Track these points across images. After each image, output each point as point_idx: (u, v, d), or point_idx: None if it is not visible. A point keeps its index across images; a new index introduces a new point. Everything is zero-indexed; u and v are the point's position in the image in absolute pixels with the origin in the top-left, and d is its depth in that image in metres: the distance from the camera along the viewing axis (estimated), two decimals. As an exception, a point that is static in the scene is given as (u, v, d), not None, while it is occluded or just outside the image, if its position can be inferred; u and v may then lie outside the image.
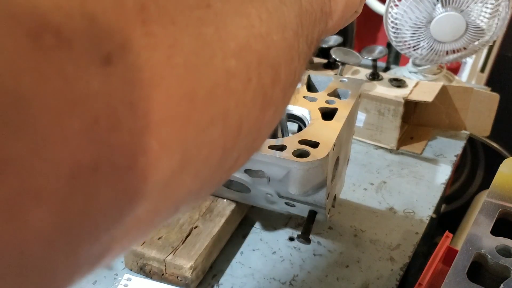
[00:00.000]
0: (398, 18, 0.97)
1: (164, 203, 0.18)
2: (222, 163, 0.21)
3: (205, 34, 0.18)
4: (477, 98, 0.95)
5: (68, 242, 0.14)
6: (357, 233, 0.76)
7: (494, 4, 0.93)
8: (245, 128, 0.22)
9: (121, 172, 0.15)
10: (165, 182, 0.17)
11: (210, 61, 0.18)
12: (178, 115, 0.17)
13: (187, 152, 0.18)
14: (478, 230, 0.50)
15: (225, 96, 0.19)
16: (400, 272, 0.69)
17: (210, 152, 0.19)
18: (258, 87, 0.22)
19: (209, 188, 0.23)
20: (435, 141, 0.99)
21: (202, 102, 0.18)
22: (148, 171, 0.16)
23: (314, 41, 0.32)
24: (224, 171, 0.22)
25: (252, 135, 0.23)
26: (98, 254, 0.16)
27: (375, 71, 0.96)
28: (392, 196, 0.84)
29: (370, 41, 1.40)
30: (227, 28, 0.19)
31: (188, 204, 0.21)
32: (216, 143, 0.20)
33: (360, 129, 0.96)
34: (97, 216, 0.15)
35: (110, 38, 0.14)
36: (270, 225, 0.77)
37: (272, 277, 0.68)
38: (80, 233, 0.15)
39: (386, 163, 0.92)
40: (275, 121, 0.26)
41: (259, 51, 0.22)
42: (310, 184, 0.59)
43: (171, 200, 0.19)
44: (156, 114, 0.15)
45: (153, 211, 0.18)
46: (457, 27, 0.95)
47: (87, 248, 0.15)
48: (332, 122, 0.61)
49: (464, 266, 0.45)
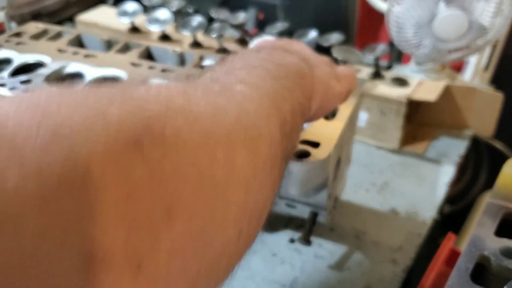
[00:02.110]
0: (400, 16, 0.96)
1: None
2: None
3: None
4: (481, 98, 0.94)
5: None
6: (359, 235, 0.75)
7: (498, 2, 0.91)
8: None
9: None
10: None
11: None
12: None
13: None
14: (482, 232, 0.49)
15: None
16: (403, 274, 0.68)
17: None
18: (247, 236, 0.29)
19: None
20: (438, 141, 0.98)
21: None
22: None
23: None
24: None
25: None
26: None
27: (377, 70, 0.95)
28: (394, 197, 0.83)
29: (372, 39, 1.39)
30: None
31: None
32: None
33: (362, 129, 0.95)
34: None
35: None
36: (270, 227, 0.76)
37: (272, 280, 0.67)
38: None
39: (388, 164, 0.91)
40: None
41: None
42: (311, 185, 0.59)
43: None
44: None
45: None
46: (460, 25, 0.93)
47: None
48: (334, 122, 0.60)
49: (468, 268, 0.44)
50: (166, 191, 0.21)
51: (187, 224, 0.22)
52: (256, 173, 0.29)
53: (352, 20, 1.20)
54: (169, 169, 0.21)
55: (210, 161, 0.24)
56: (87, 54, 0.78)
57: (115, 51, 0.80)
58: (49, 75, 0.73)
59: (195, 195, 0.23)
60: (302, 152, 0.54)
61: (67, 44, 0.83)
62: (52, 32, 0.87)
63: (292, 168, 0.56)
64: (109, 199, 0.18)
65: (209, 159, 0.24)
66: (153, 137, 0.21)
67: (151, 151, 0.21)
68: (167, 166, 0.21)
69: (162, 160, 0.21)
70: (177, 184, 0.22)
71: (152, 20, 1.08)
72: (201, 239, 0.24)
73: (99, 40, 0.84)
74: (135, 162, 0.20)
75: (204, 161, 0.24)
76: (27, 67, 0.78)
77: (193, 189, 0.23)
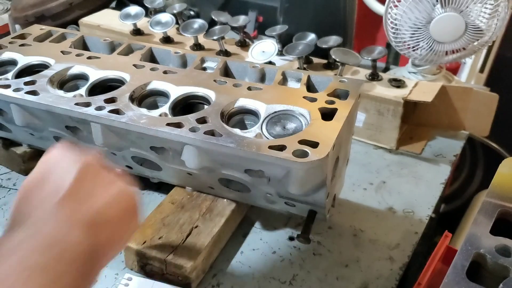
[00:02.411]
0: (397, 18, 0.97)
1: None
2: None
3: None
4: (477, 98, 0.95)
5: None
6: (357, 233, 0.76)
7: (493, 4, 0.93)
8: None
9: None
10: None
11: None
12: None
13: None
14: (478, 230, 0.50)
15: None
16: (400, 271, 0.69)
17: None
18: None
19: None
20: (435, 141, 0.99)
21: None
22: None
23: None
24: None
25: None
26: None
27: (375, 72, 0.97)
28: (392, 196, 0.84)
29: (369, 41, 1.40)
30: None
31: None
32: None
33: (360, 129, 0.96)
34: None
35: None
36: (270, 225, 0.77)
37: (272, 277, 0.68)
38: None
39: (385, 163, 0.93)
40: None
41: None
42: (310, 184, 0.60)
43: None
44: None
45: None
46: (457, 27, 0.95)
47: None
48: (332, 122, 0.61)
49: (464, 266, 0.46)
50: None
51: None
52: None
53: (351, 23, 1.21)
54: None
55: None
56: (90, 56, 0.79)
57: (118, 53, 0.81)
58: (52, 76, 0.74)
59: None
60: (301, 152, 0.56)
61: (71, 46, 0.84)
62: (56, 34, 0.88)
63: (292, 168, 0.57)
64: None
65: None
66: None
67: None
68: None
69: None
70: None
71: (154, 23, 1.10)
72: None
73: (102, 42, 0.85)
74: None
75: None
76: (31, 68, 0.79)
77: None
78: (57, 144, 0.47)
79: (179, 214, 0.71)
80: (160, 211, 0.71)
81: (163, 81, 0.72)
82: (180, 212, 0.71)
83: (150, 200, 0.80)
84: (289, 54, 0.95)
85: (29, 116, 0.71)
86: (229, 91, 0.69)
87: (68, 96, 0.71)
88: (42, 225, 0.39)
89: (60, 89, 0.73)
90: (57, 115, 0.67)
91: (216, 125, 0.61)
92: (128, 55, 0.81)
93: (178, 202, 0.73)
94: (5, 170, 0.87)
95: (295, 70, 0.76)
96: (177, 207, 0.72)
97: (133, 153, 0.69)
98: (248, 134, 0.62)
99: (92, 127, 0.66)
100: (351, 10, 1.20)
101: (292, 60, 1.01)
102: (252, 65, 0.76)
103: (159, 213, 0.71)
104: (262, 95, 0.68)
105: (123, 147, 0.68)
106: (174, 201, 0.73)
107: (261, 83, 0.73)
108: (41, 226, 0.39)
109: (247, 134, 0.62)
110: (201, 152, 0.61)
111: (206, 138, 0.59)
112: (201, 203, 0.72)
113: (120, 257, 0.68)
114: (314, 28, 1.08)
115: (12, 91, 0.69)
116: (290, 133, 0.62)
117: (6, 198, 0.80)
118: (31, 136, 0.77)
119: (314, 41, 1.03)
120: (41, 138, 0.77)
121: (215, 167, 0.63)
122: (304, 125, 0.63)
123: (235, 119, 0.67)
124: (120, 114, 0.64)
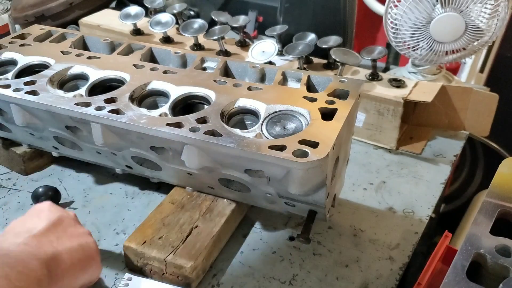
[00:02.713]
0: (397, 18, 0.97)
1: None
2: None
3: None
4: (477, 98, 0.95)
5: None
6: (357, 233, 0.76)
7: (494, 4, 0.93)
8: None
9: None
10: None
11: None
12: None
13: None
14: (478, 230, 0.50)
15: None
16: (400, 271, 0.69)
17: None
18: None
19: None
20: (435, 141, 0.99)
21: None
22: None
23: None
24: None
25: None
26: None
27: (375, 72, 0.97)
28: (392, 196, 0.84)
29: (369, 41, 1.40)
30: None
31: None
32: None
33: (360, 129, 0.96)
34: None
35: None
36: (270, 225, 0.77)
37: (272, 277, 0.68)
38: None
39: (385, 163, 0.93)
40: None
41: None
42: (310, 184, 0.60)
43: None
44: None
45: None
46: (457, 27, 0.95)
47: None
48: (332, 122, 0.61)
49: (464, 266, 0.46)
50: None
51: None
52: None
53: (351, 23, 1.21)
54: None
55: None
56: (90, 56, 0.79)
57: (118, 53, 0.81)
58: (52, 76, 0.74)
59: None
60: (301, 152, 0.56)
61: (71, 46, 0.84)
62: (56, 34, 0.88)
63: (292, 168, 0.57)
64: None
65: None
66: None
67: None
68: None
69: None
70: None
71: (154, 23, 1.10)
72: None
73: (102, 42, 0.85)
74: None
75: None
76: (31, 68, 0.79)
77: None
78: (45, 201, 0.62)
79: (179, 214, 0.71)
80: (160, 211, 0.71)
81: (163, 81, 0.72)
82: (180, 212, 0.71)
83: (150, 200, 0.80)
84: (289, 54, 0.95)
85: (29, 116, 0.71)
86: (229, 91, 0.69)
87: (68, 96, 0.71)
88: (11, 249, 0.51)
89: (60, 89, 0.73)
90: (57, 115, 0.67)
91: (216, 125, 0.61)
92: (128, 55, 0.81)
93: (178, 202, 0.73)
94: (5, 170, 0.87)
95: (295, 70, 0.76)
96: (177, 207, 0.72)
97: (133, 153, 0.69)
98: (248, 134, 0.62)
99: (92, 127, 0.66)
100: (351, 10, 1.20)
101: (292, 60, 1.01)
102: (252, 65, 0.76)
103: (159, 213, 0.71)
104: (262, 95, 0.68)
105: (123, 147, 0.68)
106: (174, 201, 0.73)
107: (261, 83, 0.73)
108: (10, 250, 0.51)
109: (247, 134, 0.62)
110: (201, 152, 0.61)
111: (206, 138, 0.59)
112: (201, 203, 0.72)
113: (120, 257, 0.69)
114: (314, 28, 1.08)
115: (12, 91, 0.69)
116: (290, 133, 0.62)
117: (6, 198, 0.80)
118: (31, 136, 0.77)
119: (314, 41, 1.03)
120: (41, 138, 0.77)
121: (215, 167, 0.63)
122: (304, 125, 0.63)
123: (235, 119, 0.67)
124: (120, 114, 0.64)
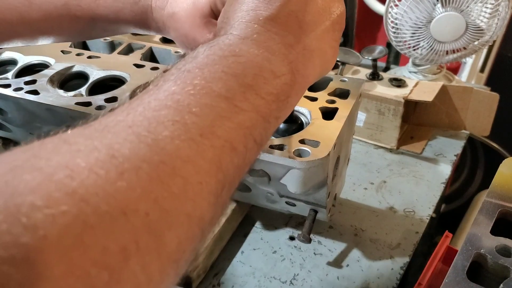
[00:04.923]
0: (398, 18, 0.97)
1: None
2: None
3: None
4: (477, 98, 0.95)
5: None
6: (358, 232, 0.76)
7: (494, 4, 0.93)
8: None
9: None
10: None
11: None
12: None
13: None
14: (478, 230, 0.50)
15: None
16: (400, 271, 0.69)
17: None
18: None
19: None
20: (435, 141, 0.99)
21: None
22: None
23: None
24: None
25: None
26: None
27: (375, 71, 0.96)
28: (392, 196, 0.84)
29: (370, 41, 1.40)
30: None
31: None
32: None
33: (360, 128, 0.96)
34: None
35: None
36: (271, 224, 0.77)
37: (273, 276, 0.68)
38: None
39: (386, 163, 0.93)
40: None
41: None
42: (310, 183, 0.60)
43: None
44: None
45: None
46: (457, 27, 0.95)
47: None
48: (333, 122, 0.61)
49: (464, 266, 0.46)
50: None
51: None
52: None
53: (351, 22, 1.21)
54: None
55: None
56: (90, 55, 0.79)
57: (118, 53, 0.81)
58: (53, 76, 0.74)
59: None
60: (302, 152, 0.55)
61: (71, 45, 0.84)
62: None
63: (293, 167, 0.57)
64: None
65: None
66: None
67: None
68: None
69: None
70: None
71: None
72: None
73: (103, 41, 0.85)
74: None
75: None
76: (31, 68, 0.79)
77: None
78: None
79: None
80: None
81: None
82: (180, 211, 0.71)
83: (150, 200, 0.80)
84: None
85: (29, 115, 0.71)
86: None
87: (68, 96, 0.70)
88: (238, 43, 0.32)
89: (61, 89, 0.73)
90: (58, 114, 0.67)
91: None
92: (128, 54, 0.81)
93: (179, 201, 0.73)
94: (5, 169, 0.87)
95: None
96: (177, 207, 0.72)
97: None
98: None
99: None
100: (351, 10, 1.20)
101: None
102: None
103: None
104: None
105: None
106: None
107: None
108: (235, 44, 0.31)
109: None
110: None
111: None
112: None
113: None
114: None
115: (12, 91, 0.69)
116: (291, 132, 0.62)
117: (7, 198, 0.80)
118: (31, 136, 0.77)
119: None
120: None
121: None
122: (304, 124, 0.63)
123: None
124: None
